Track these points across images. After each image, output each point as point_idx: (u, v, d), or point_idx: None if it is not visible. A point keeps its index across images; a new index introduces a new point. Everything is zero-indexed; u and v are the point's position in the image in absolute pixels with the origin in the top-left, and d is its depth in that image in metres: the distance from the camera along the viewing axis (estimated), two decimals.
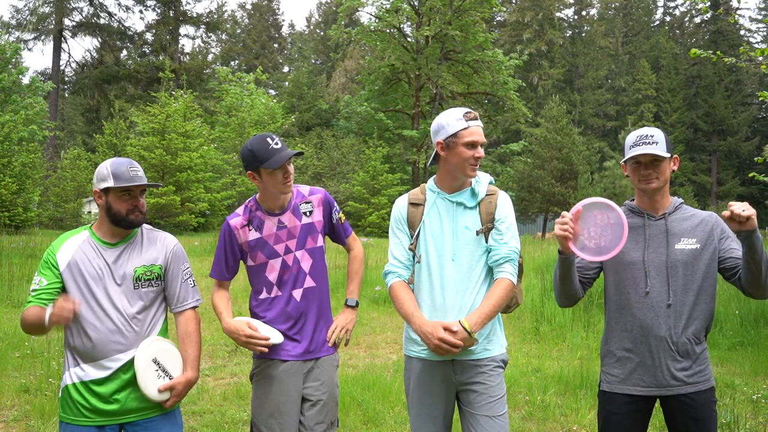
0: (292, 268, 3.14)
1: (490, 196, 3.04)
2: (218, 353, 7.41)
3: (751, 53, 8.86)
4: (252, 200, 3.23)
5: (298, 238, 3.15)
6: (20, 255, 13.71)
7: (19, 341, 7.43)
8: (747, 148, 53.92)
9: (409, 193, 3.17)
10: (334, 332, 3.24)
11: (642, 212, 2.95)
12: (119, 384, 2.80)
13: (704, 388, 2.85)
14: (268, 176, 3.05)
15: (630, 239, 2.89)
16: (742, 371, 6.85)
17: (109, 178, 2.82)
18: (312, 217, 3.21)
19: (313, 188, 3.29)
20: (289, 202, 3.19)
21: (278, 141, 3.06)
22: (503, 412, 2.92)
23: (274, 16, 75.10)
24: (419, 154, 35.10)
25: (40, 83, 32.01)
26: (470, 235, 2.96)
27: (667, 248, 2.86)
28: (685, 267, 2.83)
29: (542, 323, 8.72)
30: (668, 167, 2.89)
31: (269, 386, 3.10)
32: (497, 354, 2.98)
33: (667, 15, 69.34)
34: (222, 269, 3.23)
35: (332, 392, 3.19)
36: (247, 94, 35.98)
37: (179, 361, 2.92)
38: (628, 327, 2.89)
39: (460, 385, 2.95)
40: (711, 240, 2.87)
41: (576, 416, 5.39)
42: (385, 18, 36.13)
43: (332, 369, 3.23)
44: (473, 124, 2.95)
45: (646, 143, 2.85)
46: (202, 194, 25.43)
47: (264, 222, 3.15)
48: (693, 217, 2.93)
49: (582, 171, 36.20)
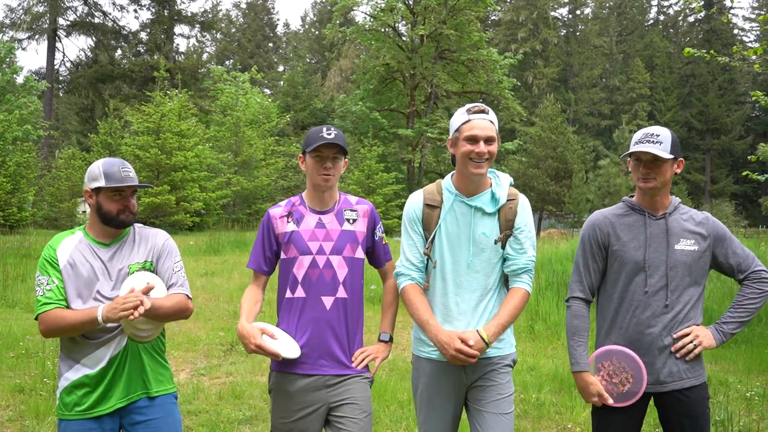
0: (324, 271, 2.95)
1: (510, 201, 2.92)
2: (214, 352, 7.41)
3: (745, 52, 8.92)
4: (298, 196, 3.14)
5: (336, 242, 2.99)
6: (15, 255, 13.68)
7: (13, 341, 7.41)
8: (740, 147, 54.12)
9: (424, 190, 3.03)
10: (362, 353, 3.03)
11: (642, 210, 2.94)
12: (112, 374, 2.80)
13: (697, 383, 2.88)
14: (311, 160, 2.96)
15: (631, 237, 2.91)
16: (735, 369, 6.89)
17: (100, 177, 2.81)
18: (355, 226, 3.05)
19: (360, 199, 3.16)
20: (334, 204, 3.07)
21: (333, 132, 2.93)
22: (510, 411, 2.89)
23: (269, 15, 74.99)
24: (414, 153, 35.12)
25: (34, 83, 31.92)
26: (488, 242, 2.88)
27: (668, 248, 2.86)
28: (683, 267, 2.85)
29: (537, 321, 8.75)
30: (669, 169, 2.86)
31: (287, 402, 2.93)
32: (507, 353, 2.96)
33: (661, 14, 69.59)
34: (258, 258, 3.07)
35: (364, 410, 2.94)
36: (242, 93, 35.95)
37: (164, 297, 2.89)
38: (624, 324, 2.91)
39: (470, 384, 2.92)
40: (707, 242, 2.90)
41: (570, 414, 5.41)
42: (379, 17, 36.12)
43: (364, 386, 2.99)
44: (476, 118, 2.84)
45: (650, 142, 2.83)
46: (197, 194, 25.40)
47: (304, 217, 3.02)
48: (691, 218, 2.94)
49: (576, 170, 36.31)
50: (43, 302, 2.75)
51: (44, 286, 2.78)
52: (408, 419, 5.20)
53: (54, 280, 2.79)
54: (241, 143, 29.90)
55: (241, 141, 29.99)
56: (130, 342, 2.84)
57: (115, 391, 2.81)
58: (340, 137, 2.94)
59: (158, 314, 2.81)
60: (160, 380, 2.93)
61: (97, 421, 2.80)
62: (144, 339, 2.87)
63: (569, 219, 37.18)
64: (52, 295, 2.76)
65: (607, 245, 2.96)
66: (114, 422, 2.85)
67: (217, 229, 20.79)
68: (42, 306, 2.75)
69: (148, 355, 2.90)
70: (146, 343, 2.89)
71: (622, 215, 2.98)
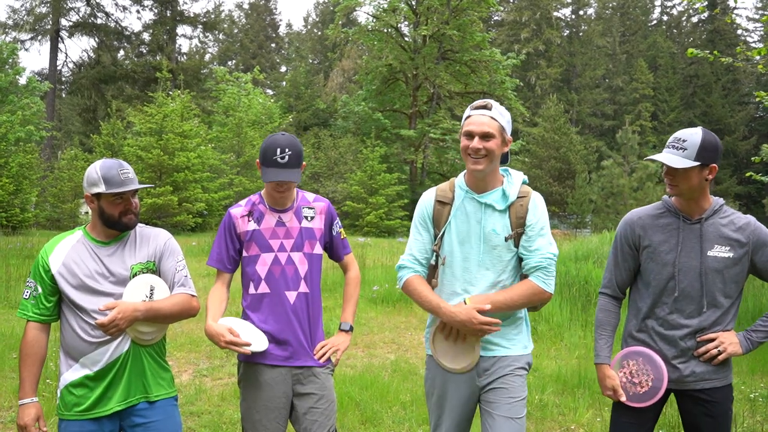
0: (285, 267, 3.07)
1: (521, 198, 2.87)
2: (216, 353, 7.39)
3: (748, 53, 8.89)
4: (257, 195, 3.21)
5: (296, 239, 3.10)
6: (17, 256, 13.70)
7: (15, 342, 7.41)
8: (744, 147, 54.01)
9: (437, 188, 3.03)
10: (323, 347, 3.12)
11: (678, 213, 2.87)
12: (112, 377, 2.79)
13: (721, 385, 2.84)
14: (267, 183, 3.04)
15: (663, 240, 2.87)
16: (740, 370, 6.86)
17: (100, 183, 2.78)
18: (313, 223, 3.15)
19: (317, 197, 3.25)
20: (292, 203, 3.16)
21: (286, 157, 2.95)
22: (522, 415, 2.84)
23: (271, 15, 75.06)
24: (417, 153, 35.13)
25: (37, 83, 31.98)
26: (498, 239, 2.84)
27: (701, 255, 2.80)
28: (716, 275, 2.79)
29: (540, 322, 8.72)
30: (696, 176, 2.75)
31: (257, 391, 3.05)
32: (519, 354, 2.90)
33: (664, 14, 69.51)
34: (222, 257, 3.14)
35: (328, 399, 3.10)
36: (245, 93, 35.99)
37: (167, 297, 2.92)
38: (651, 324, 2.89)
39: (483, 387, 2.88)
40: (745, 249, 2.81)
41: (574, 415, 5.39)
42: (382, 17, 36.15)
43: (327, 376, 3.14)
44: (475, 114, 2.81)
45: (674, 147, 2.77)
46: (200, 194, 25.42)
47: (264, 215, 3.11)
48: (731, 222, 2.84)
49: (579, 170, 36.30)
50: (21, 308, 2.86)
51: (31, 290, 2.84)
52: (410, 420, 5.18)
53: (38, 287, 2.82)
54: (244, 144, 29.93)
55: (243, 142, 30.02)
56: (133, 345, 2.83)
57: (115, 393, 2.80)
58: (294, 157, 2.96)
59: (160, 316, 2.81)
60: (160, 384, 2.92)
61: (97, 423, 2.79)
62: (147, 342, 2.86)
63: (572, 219, 37.11)
64: (29, 305, 2.83)
65: (639, 246, 2.93)
66: (114, 424, 2.84)
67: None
68: (20, 311, 2.86)
69: (149, 358, 2.89)
70: (150, 345, 2.88)
71: (658, 216, 2.92)
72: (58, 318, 2.87)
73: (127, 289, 2.79)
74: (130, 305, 2.73)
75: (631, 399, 2.88)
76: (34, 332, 2.82)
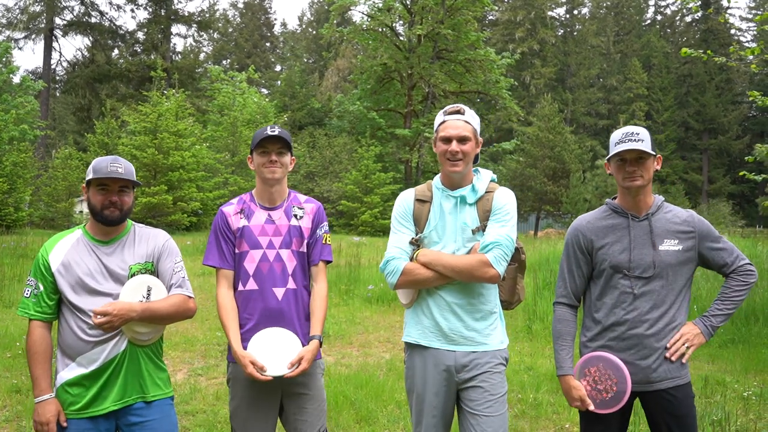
0: (273, 264, 3.09)
1: (488, 193, 3.00)
2: (211, 353, 7.40)
3: (742, 52, 8.93)
4: (248, 193, 3.27)
5: (285, 236, 3.13)
6: (11, 255, 13.66)
7: (10, 341, 7.40)
8: (737, 147, 54.23)
9: (415, 188, 3.15)
10: (298, 360, 2.98)
11: (626, 212, 2.95)
12: (108, 376, 2.80)
13: (682, 383, 2.88)
14: (258, 157, 3.13)
15: (615, 240, 2.92)
16: (733, 368, 6.89)
17: (90, 171, 2.87)
18: (301, 222, 3.18)
19: (309, 198, 3.30)
20: (282, 201, 3.20)
21: (276, 129, 3.12)
22: (503, 411, 2.90)
23: (266, 14, 74.96)
24: (412, 152, 35.14)
25: (30, 82, 31.83)
26: (469, 232, 2.94)
27: (653, 249, 2.87)
28: (669, 267, 2.86)
29: (534, 321, 8.74)
30: (652, 166, 2.90)
31: (246, 390, 3.07)
32: (495, 349, 2.95)
33: (658, 14, 69.68)
34: (220, 255, 3.12)
35: (318, 398, 3.13)
36: (239, 93, 35.94)
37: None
38: (612, 326, 2.92)
39: (461, 383, 2.93)
40: (693, 241, 2.90)
41: (568, 414, 5.41)
42: (377, 17, 36.14)
43: (316, 377, 3.15)
44: (450, 119, 2.95)
45: (632, 140, 2.85)
46: (195, 193, 25.38)
47: (254, 213, 3.16)
48: (675, 216, 2.94)
49: (574, 170, 36.32)
50: (22, 306, 2.86)
51: (32, 288, 2.85)
52: (405, 419, 5.19)
53: (40, 285, 2.83)
54: (238, 143, 29.88)
55: (238, 141, 29.97)
56: (130, 345, 2.83)
57: (110, 393, 2.81)
58: (284, 133, 3.12)
59: (157, 317, 2.82)
60: (157, 384, 2.93)
61: (92, 422, 2.80)
62: (144, 342, 2.87)
63: (566, 219, 37.19)
64: (30, 303, 2.83)
65: (591, 249, 2.98)
66: (110, 423, 2.84)
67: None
68: (21, 309, 2.86)
69: (146, 358, 2.90)
70: (147, 346, 2.89)
71: (605, 218, 3.00)
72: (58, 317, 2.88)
73: (124, 290, 2.81)
74: (126, 304, 2.75)
75: (599, 406, 2.90)
76: (39, 330, 2.82)
